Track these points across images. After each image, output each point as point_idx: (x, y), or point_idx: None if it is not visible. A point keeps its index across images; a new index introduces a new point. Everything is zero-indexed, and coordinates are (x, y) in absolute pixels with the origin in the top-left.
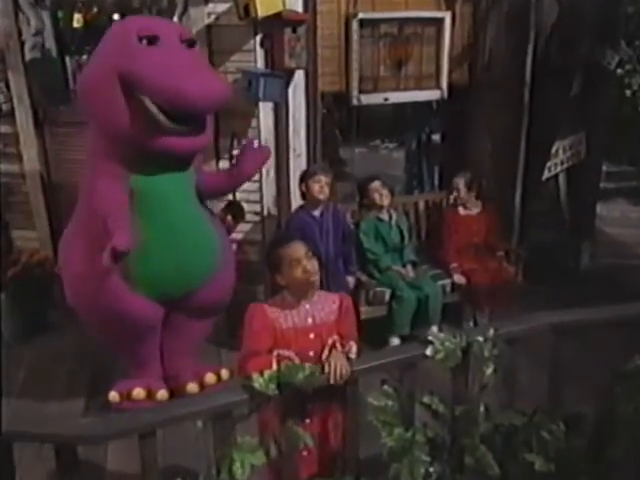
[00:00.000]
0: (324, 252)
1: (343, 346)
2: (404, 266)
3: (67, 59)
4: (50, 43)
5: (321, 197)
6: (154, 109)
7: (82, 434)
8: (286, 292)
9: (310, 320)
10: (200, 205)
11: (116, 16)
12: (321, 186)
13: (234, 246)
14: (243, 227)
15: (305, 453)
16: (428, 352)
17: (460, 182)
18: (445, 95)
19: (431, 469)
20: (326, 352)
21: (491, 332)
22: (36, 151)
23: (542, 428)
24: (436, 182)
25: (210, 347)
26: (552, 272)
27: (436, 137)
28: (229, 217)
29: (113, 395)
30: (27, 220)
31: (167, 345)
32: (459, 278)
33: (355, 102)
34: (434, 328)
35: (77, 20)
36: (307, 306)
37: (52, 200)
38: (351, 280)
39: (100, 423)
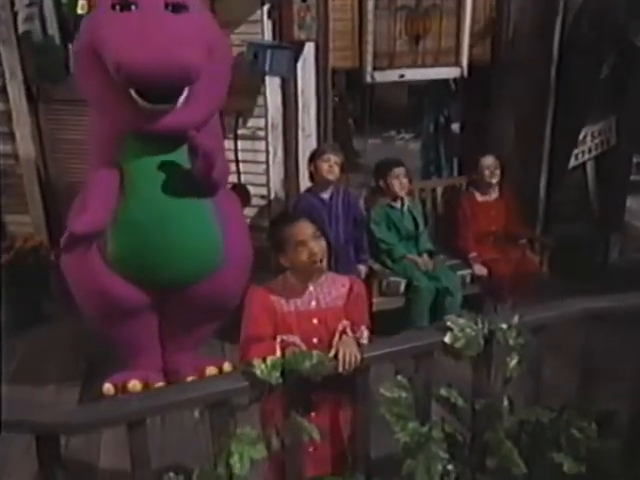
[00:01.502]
0: (333, 238)
1: (354, 332)
2: (420, 255)
3: (70, 46)
4: (53, 30)
5: (330, 177)
6: (122, 83)
7: (64, 422)
8: (289, 273)
9: (314, 304)
10: (200, 191)
11: None
12: (330, 165)
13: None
14: (249, 212)
15: (311, 449)
16: (446, 339)
17: (490, 162)
18: (465, 73)
19: (449, 467)
20: (336, 337)
21: (516, 319)
22: (30, 130)
23: (572, 426)
24: (455, 168)
25: (213, 340)
26: (579, 266)
27: (455, 126)
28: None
29: (107, 387)
30: (20, 204)
31: (166, 338)
32: (479, 268)
33: (369, 79)
34: None
35: (81, 7)
36: (311, 288)
37: (47, 182)
38: (363, 269)
39: (84, 410)
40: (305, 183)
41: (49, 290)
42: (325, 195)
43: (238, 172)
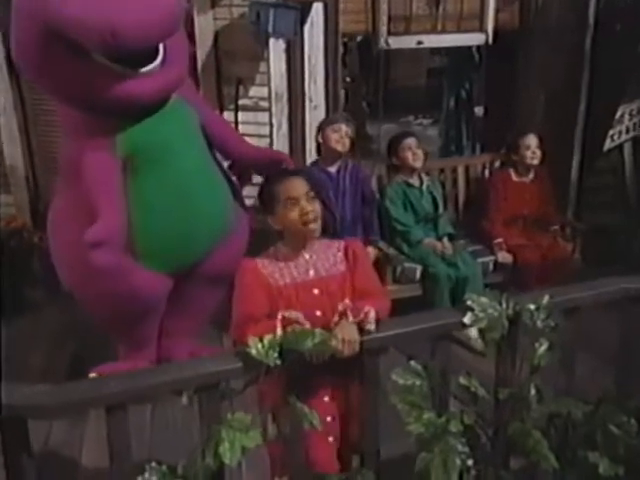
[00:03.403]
0: (339, 215)
1: (357, 315)
2: (439, 239)
3: None
4: None
5: (339, 148)
6: (108, 53)
7: (32, 404)
8: (280, 243)
9: (312, 272)
10: (207, 149)
11: None
12: (340, 136)
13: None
14: (250, 190)
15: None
16: (466, 319)
17: (532, 141)
18: (490, 40)
19: (469, 462)
20: (335, 319)
21: (546, 299)
22: (12, 101)
23: (609, 421)
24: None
25: (212, 330)
26: (614, 257)
27: (479, 109)
28: (233, 179)
29: (93, 377)
30: (2, 182)
31: (167, 324)
32: (504, 256)
33: (383, 45)
34: None
35: None
36: (307, 256)
37: (31, 158)
38: (372, 251)
39: (55, 391)
40: (312, 158)
41: (32, 276)
42: (332, 169)
43: None
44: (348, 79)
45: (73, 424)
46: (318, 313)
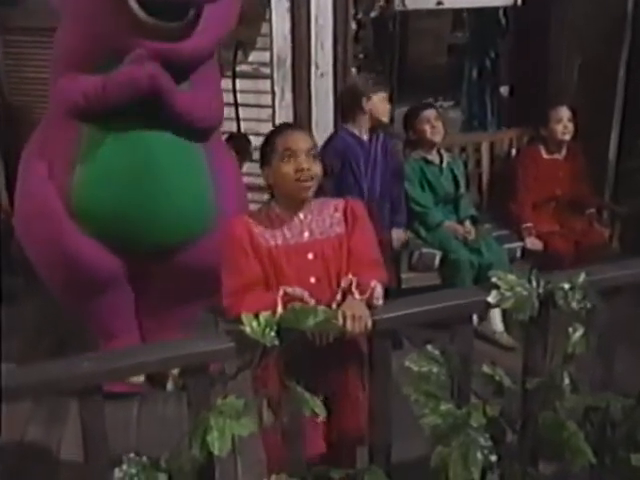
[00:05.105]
0: (367, 189)
1: (363, 291)
2: (461, 222)
3: None
4: None
5: (384, 118)
6: None
7: None
8: (273, 201)
9: (307, 234)
10: (191, 136)
11: None
12: (386, 105)
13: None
14: (250, 168)
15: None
16: (491, 298)
17: (564, 114)
18: (519, 0)
19: (492, 457)
20: (338, 297)
21: (582, 278)
22: None
23: None
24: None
25: (206, 315)
26: None
27: (504, 89)
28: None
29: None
30: None
31: (146, 316)
32: (533, 242)
33: (399, 6)
34: (496, 310)
35: None
36: (301, 216)
37: (7, 130)
38: (396, 233)
39: (21, 372)
40: (319, 133)
41: (10, 264)
42: (364, 136)
43: (237, 118)
44: (361, 56)
45: (50, 425)
46: (312, 280)
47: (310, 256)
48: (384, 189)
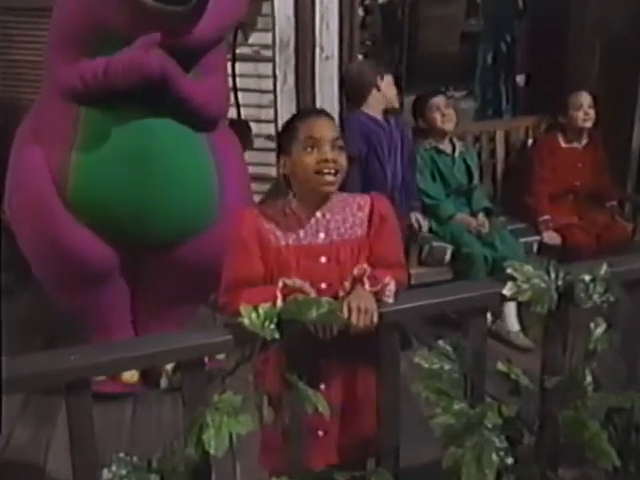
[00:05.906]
0: (391, 173)
1: (374, 284)
2: (474, 215)
3: None
4: None
5: (395, 104)
6: None
7: None
8: (291, 196)
9: (322, 235)
10: (194, 124)
11: None
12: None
13: None
14: (251, 156)
15: (321, 433)
16: (506, 291)
17: (584, 100)
18: None
19: (508, 460)
20: (347, 286)
21: (604, 269)
22: None
23: None
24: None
25: (204, 310)
26: None
27: (520, 78)
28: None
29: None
30: None
31: (142, 312)
32: (551, 236)
33: None
34: (511, 308)
35: None
36: (318, 214)
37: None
38: (415, 217)
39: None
40: None
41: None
42: (380, 118)
43: (237, 104)
44: (369, 42)
45: (39, 428)
46: (323, 285)
47: (323, 259)
48: (404, 174)
